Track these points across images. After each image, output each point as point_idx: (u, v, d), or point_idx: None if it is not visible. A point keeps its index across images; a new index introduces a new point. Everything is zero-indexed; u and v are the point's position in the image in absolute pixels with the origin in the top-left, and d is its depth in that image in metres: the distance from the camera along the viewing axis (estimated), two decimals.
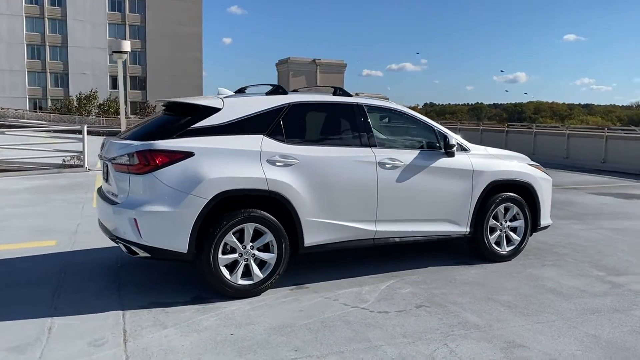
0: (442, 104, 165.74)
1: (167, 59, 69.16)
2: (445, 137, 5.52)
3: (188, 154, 4.44)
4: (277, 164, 4.69)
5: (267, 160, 4.67)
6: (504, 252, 5.90)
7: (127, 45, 13.37)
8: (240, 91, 5.72)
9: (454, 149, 5.49)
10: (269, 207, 4.68)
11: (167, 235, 4.40)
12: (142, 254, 4.47)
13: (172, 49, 68.97)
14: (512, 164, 5.99)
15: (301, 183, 4.74)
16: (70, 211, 8.51)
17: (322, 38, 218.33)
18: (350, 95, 5.41)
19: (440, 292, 4.89)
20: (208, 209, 4.43)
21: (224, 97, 4.93)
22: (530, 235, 6.13)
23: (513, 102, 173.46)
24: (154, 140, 4.46)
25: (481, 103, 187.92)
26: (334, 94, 5.37)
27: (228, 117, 4.71)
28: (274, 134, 4.79)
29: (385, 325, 4.12)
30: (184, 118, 4.68)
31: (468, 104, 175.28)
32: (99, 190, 5.34)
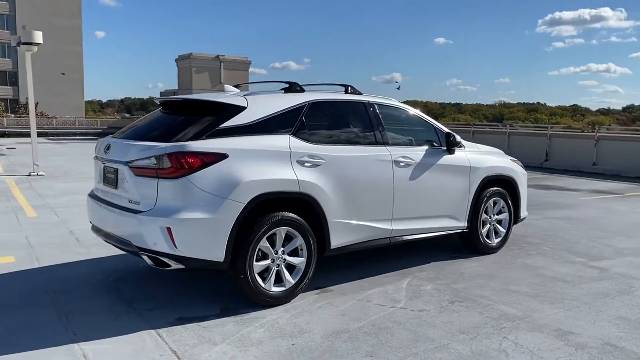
0: None
1: (40, 52, 63.26)
2: (448, 135, 5.66)
3: (222, 156, 4.13)
4: (306, 164, 4.52)
5: (297, 161, 4.48)
6: (494, 245, 6.18)
7: (39, 37, 12.05)
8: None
9: (458, 146, 5.66)
10: (298, 210, 4.50)
11: (204, 244, 4.07)
12: (174, 265, 4.08)
13: (47, 41, 63.41)
14: (499, 160, 6.29)
15: (328, 183, 4.61)
16: (6, 223, 7.58)
17: (202, 35, 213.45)
18: (361, 94, 5.36)
19: (460, 286, 5.01)
20: (244, 213, 4.16)
21: (246, 95, 4.65)
22: (512, 227, 6.48)
23: None
24: (183, 141, 4.10)
25: None
26: (346, 92, 5.28)
27: (253, 116, 4.45)
28: (299, 134, 4.61)
29: (435, 323, 4.14)
30: (208, 117, 4.34)
31: None
32: (93, 195, 4.81)
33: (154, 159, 4.05)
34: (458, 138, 5.68)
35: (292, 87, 4.95)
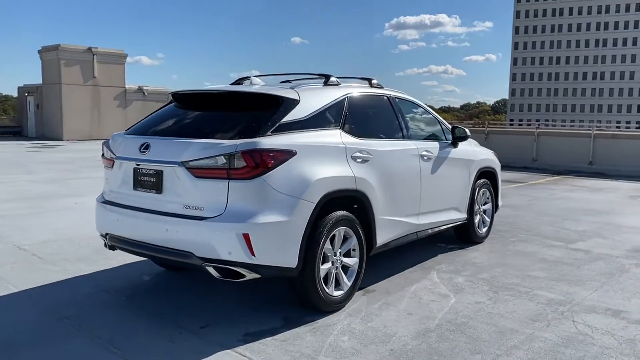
0: None
1: None
2: (453, 128, 5.75)
3: (292, 153, 3.77)
4: (357, 160, 4.31)
5: (351, 157, 4.26)
6: (483, 234, 6.43)
7: None
8: (237, 83, 5.03)
9: (465, 140, 5.78)
10: (351, 208, 4.28)
11: (280, 250, 3.69)
12: (249, 276, 3.64)
13: None
14: (485, 152, 6.55)
15: (375, 179, 4.44)
16: None
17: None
18: (382, 87, 5.23)
19: (486, 276, 5.12)
20: (315, 214, 3.85)
21: (295, 88, 4.29)
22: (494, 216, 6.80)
23: None
24: (251, 137, 3.67)
25: None
26: (370, 85, 5.12)
27: (307, 110, 4.12)
28: (345, 128, 4.38)
29: (502, 314, 4.17)
30: (266, 111, 3.93)
31: None
32: (111, 202, 4.15)
33: (223, 158, 3.57)
34: (468, 131, 5.81)
35: (329, 80, 4.67)
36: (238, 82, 5.04)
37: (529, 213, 8.52)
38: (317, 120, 4.16)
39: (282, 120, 3.88)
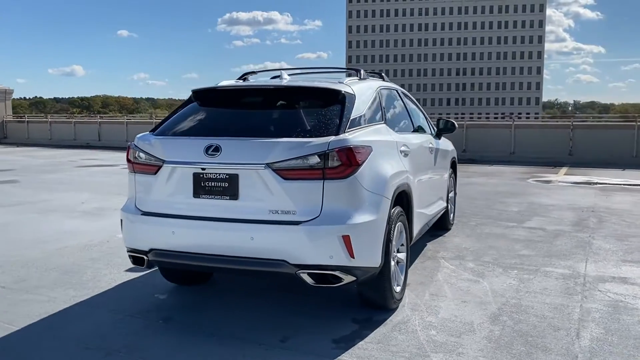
0: None
1: None
2: (439, 120, 5.96)
3: (370, 150, 3.63)
4: (403, 154, 4.29)
5: (400, 151, 4.22)
6: (453, 221, 6.77)
7: None
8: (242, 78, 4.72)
9: (452, 132, 6.01)
10: (402, 203, 4.25)
11: (372, 249, 3.54)
12: (347, 279, 3.43)
13: None
14: (450, 143, 6.87)
15: (412, 173, 4.45)
16: None
17: None
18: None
19: (489, 259, 5.39)
20: (391, 210, 3.76)
21: (345, 82, 4.10)
22: None
23: (76, 95, 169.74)
24: (333, 135, 3.46)
25: (41, 97, 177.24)
26: (382, 78, 5.07)
27: (363, 105, 3.97)
28: (387, 122, 4.32)
29: (540, 291, 4.42)
30: (333, 107, 3.71)
31: (25, 97, 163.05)
32: (162, 214, 3.63)
33: (317, 157, 3.33)
34: (457, 124, 6.05)
35: (362, 73, 4.54)
36: (244, 77, 4.70)
37: (459, 198, 9.13)
38: (370, 115, 4.05)
39: (352, 116, 3.71)
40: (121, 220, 3.85)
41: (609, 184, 11.40)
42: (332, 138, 3.40)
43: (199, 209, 3.53)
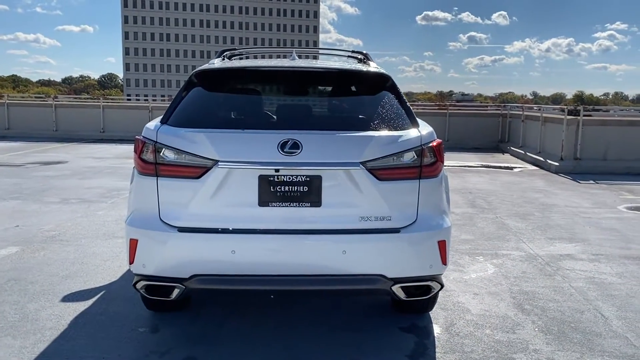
0: None
1: None
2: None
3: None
4: None
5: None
6: None
7: None
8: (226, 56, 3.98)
9: None
10: None
11: (448, 254, 3.22)
12: (436, 289, 3.08)
13: None
14: None
15: None
16: None
17: None
18: None
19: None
20: None
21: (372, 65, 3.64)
22: None
23: None
24: (410, 127, 3.07)
25: None
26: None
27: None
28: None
29: (530, 278, 4.64)
30: (386, 95, 3.26)
31: None
32: (206, 229, 2.80)
33: (414, 153, 2.90)
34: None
35: (369, 58, 4.08)
36: (224, 56, 3.92)
37: None
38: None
39: (406, 105, 3.33)
40: (132, 240, 2.87)
41: (449, 166, 12.60)
42: (424, 132, 3.02)
43: (268, 220, 2.81)
